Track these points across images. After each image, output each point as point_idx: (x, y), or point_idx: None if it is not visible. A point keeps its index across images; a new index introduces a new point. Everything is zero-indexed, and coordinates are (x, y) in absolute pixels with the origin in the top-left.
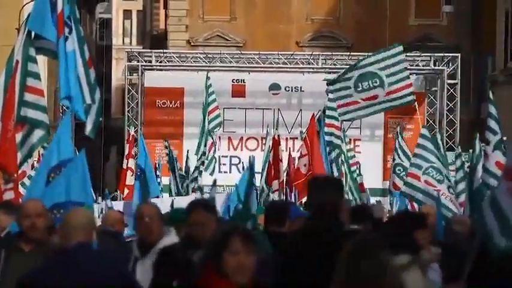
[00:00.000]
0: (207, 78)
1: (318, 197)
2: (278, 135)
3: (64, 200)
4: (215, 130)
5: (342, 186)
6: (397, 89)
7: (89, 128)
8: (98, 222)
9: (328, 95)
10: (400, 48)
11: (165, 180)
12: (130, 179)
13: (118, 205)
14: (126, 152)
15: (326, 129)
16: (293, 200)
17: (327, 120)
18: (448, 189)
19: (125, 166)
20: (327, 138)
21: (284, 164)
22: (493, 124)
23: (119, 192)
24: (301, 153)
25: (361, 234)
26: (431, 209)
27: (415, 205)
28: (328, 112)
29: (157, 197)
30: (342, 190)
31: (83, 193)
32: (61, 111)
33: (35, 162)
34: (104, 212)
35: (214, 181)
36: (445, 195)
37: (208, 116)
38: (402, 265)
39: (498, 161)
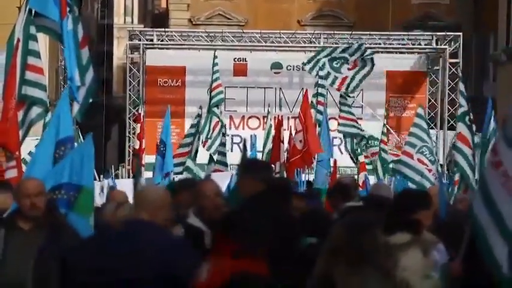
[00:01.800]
0: (214, 57)
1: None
2: (281, 116)
3: (66, 180)
4: (217, 107)
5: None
6: None
7: (75, 110)
8: (100, 200)
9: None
10: None
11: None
12: (147, 158)
13: (121, 183)
14: (138, 131)
15: (319, 107)
16: (297, 179)
17: (319, 98)
18: (437, 171)
19: (137, 146)
20: (318, 116)
21: (286, 144)
22: (460, 100)
23: (121, 170)
24: (296, 129)
25: (358, 212)
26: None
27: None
28: (320, 90)
29: (169, 172)
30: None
31: (86, 176)
32: (62, 89)
33: None
34: (104, 190)
35: (210, 158)
36: (435, 175)
37: (211, 92)
38: (401, 244)
39: (460, 132)
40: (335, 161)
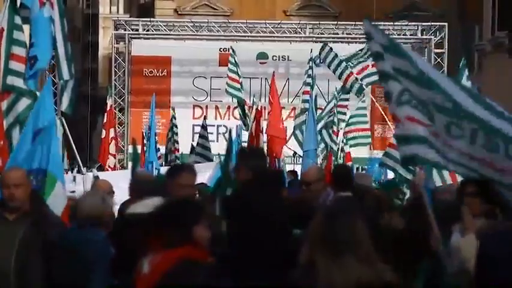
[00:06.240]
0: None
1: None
2: (261, 107)
3: (36, 167)
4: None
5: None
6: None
7: (65, 104)
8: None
9: (312, 63)
10: None
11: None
12: (113, 149)
13: (104, 175)
14: (105, 121)
15: (305, 96)
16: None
17: (304, 88)
18: None
19: (104, 135)
20: (302, 105)
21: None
22: None
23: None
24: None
25: (343, 199)
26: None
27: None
28: (307, 80)
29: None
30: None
31: (51, 162)
32: (46, 79)
33: None
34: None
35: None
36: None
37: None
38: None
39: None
40: (330, 154)
